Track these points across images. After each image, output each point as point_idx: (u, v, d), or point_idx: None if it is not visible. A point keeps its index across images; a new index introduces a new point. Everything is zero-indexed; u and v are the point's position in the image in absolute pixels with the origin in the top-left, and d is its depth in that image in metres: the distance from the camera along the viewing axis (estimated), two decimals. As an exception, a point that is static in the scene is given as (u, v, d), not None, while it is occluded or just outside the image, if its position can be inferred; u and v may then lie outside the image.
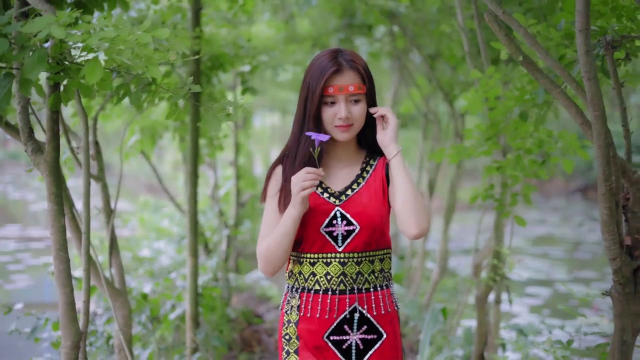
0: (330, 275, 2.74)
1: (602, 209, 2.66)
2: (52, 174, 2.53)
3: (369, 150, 2.91)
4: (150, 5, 4.79)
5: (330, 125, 2.74)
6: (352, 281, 2.75)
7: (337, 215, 2.76)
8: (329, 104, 2.73)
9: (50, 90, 2.59)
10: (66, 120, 3.78)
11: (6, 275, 10.88)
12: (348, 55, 2.77)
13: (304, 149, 2.75)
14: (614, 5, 2.90)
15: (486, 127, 3.67)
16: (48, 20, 2.10)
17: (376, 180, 2.83)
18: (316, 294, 2.75)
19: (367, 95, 2.78)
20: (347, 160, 2.87)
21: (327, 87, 2.72)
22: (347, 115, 2.71)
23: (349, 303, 2.74)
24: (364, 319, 2.75)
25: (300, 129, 2.78)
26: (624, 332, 2.77)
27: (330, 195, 2.80)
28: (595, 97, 2.53)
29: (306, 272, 2.79)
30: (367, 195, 2.79)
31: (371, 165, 2.87)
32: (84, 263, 2.95)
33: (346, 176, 2.85)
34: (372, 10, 6.27)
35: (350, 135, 2.77)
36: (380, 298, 2.79)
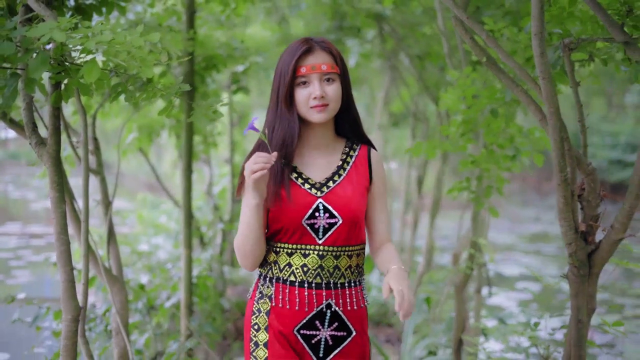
0: (307, 268, 2.68)
1: (558, 197, 2.88)
2: (53, 164, 2.73)
3: (348, 138, 2.85)
4: (147, 9, 5.00)
5: (305, 107, 2.66)
6: (329, 275, 2.69)
7: (319, 208, 2.68)
8: (302, 85, 2.66)
9: (52, 89, 2.77)
10: (67, 118, 4.01)
11: (8, 271, 11.08)
12: (319, 38, 2.72)
13: (277, 136, 2.67)
14: (570, 11, 3.13)
15: (460, 124, 3.89)
16: (50, 25, 2.30)
17: (358, 172, 2.79)
18: (292, 285, 2.69)
19: (341, 77, 2.72)
20: (326, 149, 2.80)
21: (299, 67, 2.65)
22: (322, 94, 2.63)
23: (325, 298, 2.69)
24: (336, 315, 2.71)
25: (274, 118, 2.70)
26: (579, 312, 2.98)
27: (311, 187, 2.72)
28: (550, 95, 2.75)
29: (282, 262, 2.71)
30: (350, 188, 2.74)
31: (351, 155, 2.82)
32: (83, 249, 3.19)
33: (326, 166, 2.78)
34: (359, 14, 6.48)
35: (327, 116, 2.67)
36: (354, 294, 2.75)
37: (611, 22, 2.78)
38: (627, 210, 2.87)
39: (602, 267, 2.98)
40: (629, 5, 2.94)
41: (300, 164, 2.77)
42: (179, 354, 4.69)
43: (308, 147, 2.79)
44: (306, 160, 2.78)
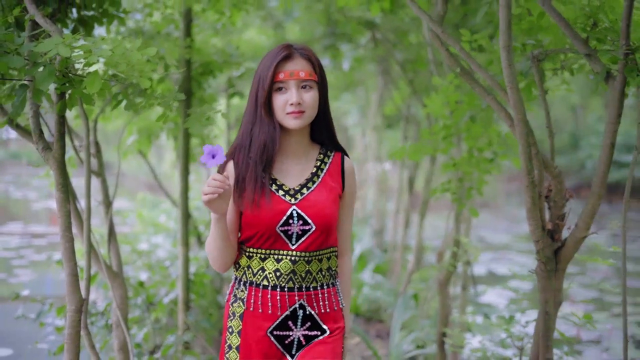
0: (280, 272, 2.70)
1: (526, 198, 3.10)
2: (59, 167, 2.95)
3: (322, 145, 2.87)
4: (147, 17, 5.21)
5: (282, 113, 2.67)
6: (301, 279, 2.72)
7: (293, 215, 2.70)
8: (280, 90, 2.68)
9: (57, 98, 2.97)
10: (70, 122, 4.22)
11: (10, 270, 11.25)
12: (299, 45, 2.74)
13: (257, 141, 2.69)
14: (540, 24, 3.35)
15: (440, 128, 4.11)
16: (56, 41, 2.50)
17: (332, 179, 2.82)
18: (264, 289, 2.71)
19: (319, 84, 2.74)
20: (301, 155, 2.81)
21: (277, 73, 2.66)
22: (299, 101, 2.65)
23: (297, 299, 2.72)
24: (309, 316, 2.74)
25: (252, 122, 2.72)
26: (547, 305, 3.20)
27: (285, 193, 2.74)
28: (518, 103, 2.96)
29: (255, 267, 2.74)
30: (324, 195, 2.76)
31: (325, 162, 2.84)
32: (85, 246, 3.42)
33: (300, 172, 2.79)
34: (350, 21, 6.69)
35: (303, 123, 2.69)
36: (327, 296, 2.78)
37: (574, 35, 3.01)
38: (590, 210, 3.10)
39: (568, 263, 3.20)
40: (594, 20, 3.15)
41: (275, 170, 2.77)
42: (176, 346, 4.90)
43: (283, 153, 2.80)
44: (281, 167, 2.79)
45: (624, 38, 2.83)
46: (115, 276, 4.06)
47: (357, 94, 13.16)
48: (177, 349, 4.92)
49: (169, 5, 5.05)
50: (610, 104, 2.95)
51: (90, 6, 3.53)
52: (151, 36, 5.17)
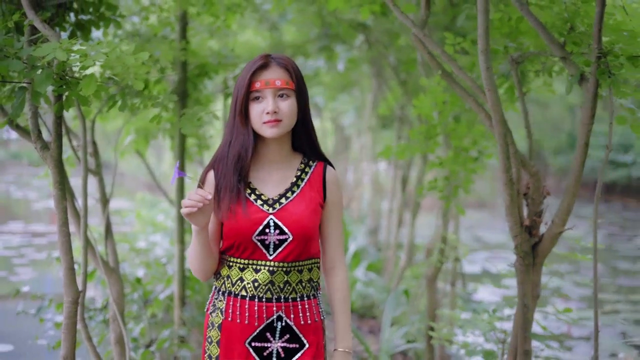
0: (258, 283, 2.67)
1: (505, 195, 3.23)
2: (56, 166, 3.07)
3: (305, 154, 2.84)
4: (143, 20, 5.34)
5: (259, 122, 2.65)
6: (280, 290, 2.68)
7: (270, 224, 2.67)
8: (256, 100, 2.66)
9: (54, 100, 3.09)
10: (68, 122, 4.35)
11: (11, 268, 11.40)
12: (277, 55, 2.72)
13: (232, 151, 2.69)
14: (519, 27, 3.49)
15: (426, 128, 4.24)
16: (53, 45, 2.62)
17: (312, 189, 2.78)
18: (242, 299, 2.68)
19: (297, 93, 2.71)
20: (281, 164, 2.78)
21: (253, 82, 2.64)
22: (275, 109, 2.62)
23: (275, 310, 2.68)
24: (287, 327, 2.70)
25: (231, 132, 2.71)
26: (525, 297, 3.33)
27: (263, 203, 2.71)
28: (495, 105, 3.09)
29: (234, 277, 2.72)
30: (303, 205, 2.72)
31: (307, 172, 2.80)
32: (82, 242, 3.55)
33: (280, 182, 2.77)
34: (342, 23, 6.82)
35: (280, 132, 2.66)
36: (307, 308, 2.73)
37: (551, 38, 3.14)
38: (566, 206, 3.24)
39: (545, 257, 3.34)
40: (571, 24, 3.29)
41: (255, 180, 2.75)
42: (172, 340, 5.04)
43: (264, 162, 2.77)
44: (261, 176, 2.76)
45: (596, 42, 2.96)
46: (112, 272, 4.19)
47: (353, 95, 13.29)
48: (173, 342, 5.05)
49: (165, 9, 5.18)
50: (584, 106, 3.08)
51: (87, 10, 3.62)
52: (148, 39, 5.29)
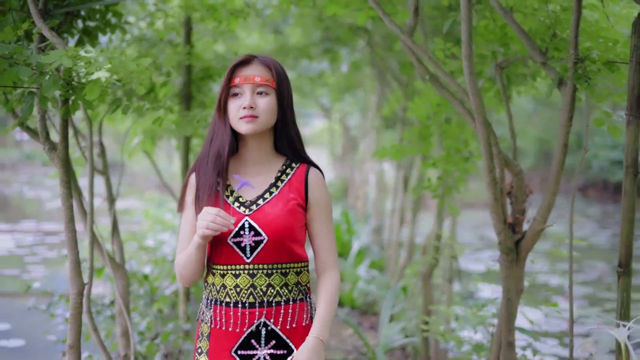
0: (240, 288, 2.63)
1: (488, 194, 3.40)
2: (63, 165, 3.25)
3: (287, 156, 2.79)
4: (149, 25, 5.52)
5: (236, 118, 2.64)
6: (262, 294, 2.63)
7: (244, 226, 2.62)
8: (235, 96, 2.65)
9: (61, 104, 3.26)
10: (77, 124, 4.54)
11: (23, 266, 11.63)
12: (262, 55, 2.72)
13: (213, 149, 2.68)
14: (503, 34, 3.65)
15: (419, 130, 4.40)
16: (60, 53, 2.80)
17: (291, 191, 2.72)
18: (227, 306, 2.64)
19: (277, 92, 2.68)
20: (262, 166, 2.75)
21: (233, 78, 2.65)
22: (251, 104, 2.60)
23: (257, 316, 2.63)
24: (272, 333, 2.65)
25: (212, 130, 2.72)
26: (509, 292, 3.50)
27: (240, 205, 2.67)
28: (479, 108, 3.26)
29: (218, 284, 2.68)
30: (279, 205, 2.67)
31: (287, 173, 2.75)
32: (89, 237, 3.74)
33: (260, 184, 2.72)
34: (341, 27, 6.98)
35: (255, 128, 2.63)
36: (294, 312, 2.68)
37: (532, 44, 3.31)
38: (546, 205, 3.40)
39: (528, 253, 3.49)
40: (553, 31, 3.46)
41: (235, 181, 2.71)
42: (176, 334, 5.23)
43: (245, 163, 2.75)
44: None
45: (573, 48, 3.13)
46: (118, 267, 4.37)
47: (358, 96, 13.45)
48: (178, 335, 5.24)
49: (171, 14, 5.36)
50: (563, 108, 3.25)
51: (94, 17, 3.79)
52: (154, 43, 5.47)
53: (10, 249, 13.42)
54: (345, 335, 7.36)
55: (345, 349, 6.76)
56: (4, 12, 3.32)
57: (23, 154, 35.69)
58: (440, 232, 5.27)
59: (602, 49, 3.18)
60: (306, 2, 5.17)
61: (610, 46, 3.23)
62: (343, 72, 10.16)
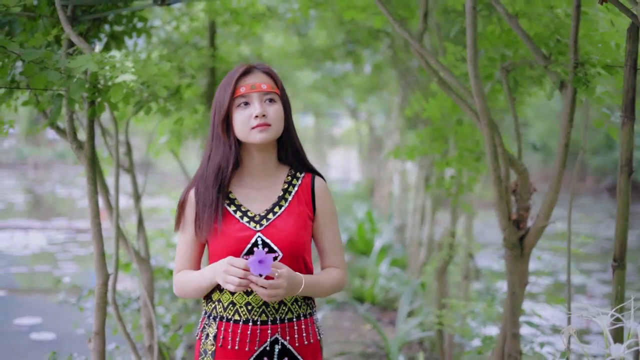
0: (252, 306, 2.53)
1: (494, 192, 3.54)
2: (89, 164, 3.44)
3: (291, 166, 2.72)
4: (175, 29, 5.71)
5: (246, 129, 2.53)
6: (275, 311, 2.54)
7: (257, 242, 2.54)
8: (242, 106, 2.54)
9: (87, 105, 3.44)
10: (106, 125, 4.74)
11: (55, 263, 11.91)
12: (259, 63, 2.65)
13: (212, 164, 2.59)
14: (508, 38, 3.79)
15: (431, 130, 4.54)
16: (87, 58, 2.98)
17: (300, 203, 2.65)
18: (235, 323, 2.53)
19: (282, 99, 2.63)
20: (268, 178, 2.67)
21: (238, 88, 2.54)
22: (264, 112, 2.51)
23: (271, 334, 2.54)
24: (286, 350, 2.56)
25: (210, 146, 2.62)
26: (514, 285, 3.64)
27: (250, 220, 2.57)
28: (483, 110, 3.40)
29: (225, 301, 2.56)
30: (291, 220, 2.59)
31: (294, 184, 2.68)
32: (114, 231, 3.94)
33: (267, 197, 2.64)
34: (361, 30, 7.13)
35: (269, 137, 2.54)
36: (303, 328, 2.61)
37: (535, 49, 3.44)
38: (549, 202, 3.53)
39: (532, 248, 3.62)
40: (558, 36, 3.59)
41: (240, 196, 2.64)
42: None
43: (249, 176, 2.66)
44: (246, 192, 2.65)
45: (572, 53, 3.26)
46: (143, 261, 4.58)
47: (382, 97, 13.60)
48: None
49: (195, 18, 5.55)
50: (563, 110, 3.38)
51: (120, 22, 3.96)
52: (179, 46, 5.66)
53: (43, 246, 13.72)
54: (365, 330, 7.54)
55: (364, 342, 6.93)
56: (34, 18, 3.50)
57: (56, 153, 36.14)
58: (454, 230, 5.41)
59: (601, 53, 3.32)
60: (325, 6, 5.33)
61: (609, 51, 3.36)
62: (366, 73, 10.31)
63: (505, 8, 3.42)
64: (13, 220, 17.62)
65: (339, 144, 36.08)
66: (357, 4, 4.94)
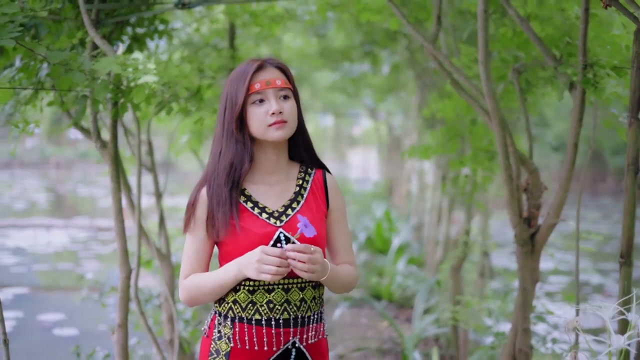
0: (273, 304, 2.47)
1: (505, 190, 3.63)
2: (112, 162, 3.57)
3: (301, 162, 2.71)
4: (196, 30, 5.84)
5: (263, 126, 2.49)
6: (296, 309, 2.51)
7: (280, 238, 2.49)
8: (257, 103, 2.49)
9: (111, 106, 3.56)
10: (128, 125, 4.86)
11: (77, 261, 12.09)
12: (269, 57, 2.60)
13: (224, 162, 2.53)
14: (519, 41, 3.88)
15: (445, 130, 4.63)
16: (110, 60, 3.10)
17: (315, 198, 2.64)
18: (257, 324, 2.47)
19: (295, 95, 2.59)
20: (279, 175, 2.62)
21: (252, 84, 2.48)
22: (280, 109, 2.47)
23: (292, 335, 2.52)
24: (301, 353, 2.54)
25: (219, 143, 2.56)
26: (525, 281, 3.72)
27: (269, 216, 2.53)
28: (494, 110, 3.49)
29: (243, 301, 2.49)
30: (310, 215, 2.57)
31: (307, 179, 2.66)
32: (136, 228, 4.06)
33: (282, 193, 2.61)
34: (377, 31, 7.22)
35: (286, 134, 2.51)
36: (316, 325, 2.59)
37: (546, 50, 3.53)
38: (559, 201, 3.61)
39: (543, 245, 3.70)
40: (569, 37, 3.68)
41: (254, 192, 2.59)
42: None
43: (260, 173, 2.61)
44: (259, 188, 2.60)
45: (582, 54, 3.34)
46: (164, 257, 4.70)
47: (400, 97, 13.69)
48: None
49: (215, 20, 5.67)
50: (573, 110, 3.47)
51: (142, 25, 4.07)
52: (200, 47, 5.78)
53: (65, 244, 13.91)
54: (382, 327, 7.66)
55: (381, 338, 7.04)
56: (59, 21, 3.61)
57: (77, 153, 36.42)
58: (469, 228, 5.50)
59: (609, 55, 3.40)
60: (342, 8, 5.42)
61: (618, 52, 3.44)
62: (384, 74, 10.40)
63: (516, 11, 3.50)
64: (36, 218, 17.82)
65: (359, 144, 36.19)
66: (372, 7, 5.03)
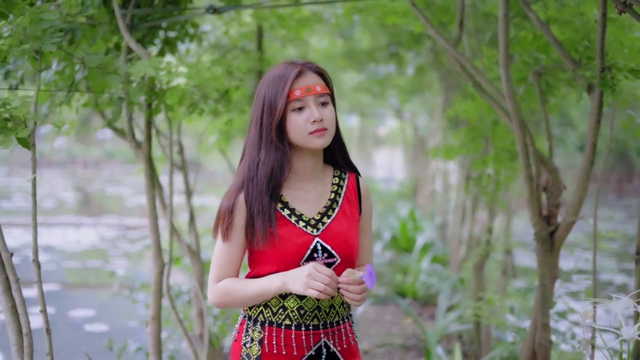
0: (304, 310, 2.47)
1: (525, 189, 3.74)
2: (147, 161, 3.71)
3: (335, 166, 2.66)
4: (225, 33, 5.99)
5: (304, 134, 2.42)
6: (326, 315, 2.51)
7: (317, 248, 2.47)
8: (296, 110, 2.42)
9: (145, 107, 3.71)
10: (159, 126, 5.02)
11: (107, 259, 12.29)
12: (304, 61, 2.52)
13: (263, 169, 2.45)
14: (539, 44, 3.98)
15: (468, 131, 4.74)
16: (145, 64, 3.25)
17: (350, 204, 2.61)
18: (287, 329, 2.47)
19: (333, 100, 2.54)
20: (315, 180, 2.58)
21: (292, 91, 2.41)
22: (322, 117, 2.41)
23: (322, 336, 2.51)
24: (332, 355, 2.53)
25: (257, 149, 2.46)
26: (544, 278, 3.83)
27: (306, 224, 2.49)
28: (515, 111, 3.60)
29: (274, 305, 2.47)
30: (345, 223, 2.54)
31: (341, 185, 2.61)
32: (168, 225, 4.21)
33: (318, 199, 2.56)
34: (404, 33, 7.34)
35: (327, 141, 2.46)
36: (345, 331, 2.59)
37: (564, 53, 3.63)
38: (577, 199, 3.71)
39: (562, 243, 3.81)
40: (588, 41, 3.78)
41: (290, 198, 2.54)
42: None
43: (297, 179, 2.56)
44: (297, 195, 2.55)
45: (599, 57, 3.44)
46: (194, 254, 4.86)
47: (425, 98, 13.79)
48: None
49: (244, 24, 5.81)
50: (591, 112, 3.57)
51: (174, 28, 4.21)
52: (229, 49, 5.93)
53: (94, 242, 14.12)
54: (406, 324, 7.78)
55: (405, 335, 7.17)
56: (94, 26, 3.76)
57: (105, 152, 36.72)
58: (491, 226, 5.60)
59: (627, 57, 3.50)
60: (367, 12, 5.54)
61: (636, 55, 3.53)
62: (409, 75, 10.51)
63: (537, 14, 3.61)
64: (64, 217, 18.05)
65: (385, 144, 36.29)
66: (397, 10, 5.15)
